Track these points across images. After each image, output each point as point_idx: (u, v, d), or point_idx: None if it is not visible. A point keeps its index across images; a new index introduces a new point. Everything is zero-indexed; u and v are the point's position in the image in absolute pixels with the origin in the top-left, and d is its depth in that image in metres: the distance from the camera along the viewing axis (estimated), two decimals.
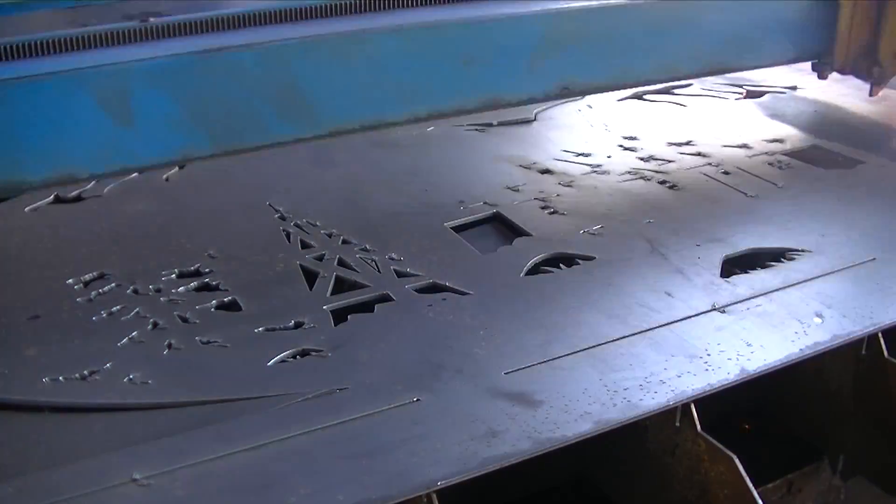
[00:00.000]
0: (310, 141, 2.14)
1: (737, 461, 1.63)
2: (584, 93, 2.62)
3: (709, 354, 1.77)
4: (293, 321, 1.85)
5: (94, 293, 1.93)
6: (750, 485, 1.62)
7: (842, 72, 2.81)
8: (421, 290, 1.99)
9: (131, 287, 1.95)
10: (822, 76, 2.85)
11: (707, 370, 1.72)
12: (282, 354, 1.75)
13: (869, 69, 2.77)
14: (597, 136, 2.88)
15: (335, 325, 1.85)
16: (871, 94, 2.89)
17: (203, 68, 1.93)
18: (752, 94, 3.27)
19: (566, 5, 2.30)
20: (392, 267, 2.07)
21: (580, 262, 2.12)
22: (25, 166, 1.81)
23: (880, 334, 1.93)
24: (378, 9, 2.18)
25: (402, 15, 2.18)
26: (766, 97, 3.25)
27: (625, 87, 2.83)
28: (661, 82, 2.98)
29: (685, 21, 2.47)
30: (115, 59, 1.82)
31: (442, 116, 2.28)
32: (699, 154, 2.73)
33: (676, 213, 2.35)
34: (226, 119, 1.98)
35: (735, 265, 2.14)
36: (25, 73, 1.76)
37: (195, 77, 1.93)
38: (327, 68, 2.06)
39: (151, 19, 1.90)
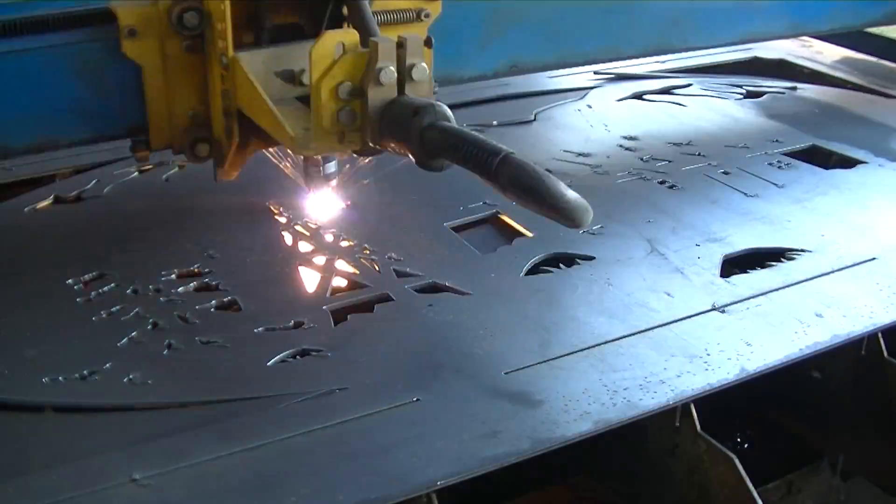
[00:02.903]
0: None
1: (737, 461, 1.63)
2: (532, 70, 2.74)
3: (709, 354, 1.77)
4: (293, 321, 1.85)
5: (93, 293, 1.92)
6: (750, 485, 1.62)
7: None
8: (421, 290, 1.99)
9: (131, 287, 1.95)
10: None
11: (707, 370, 1.72)
12: (282, 354, 1.75)
13: None
14: (597, 136, 2.88)
15: (335, 325, 1.85)
16: None
17: None
18: (752, 94, 3.26)
19: None
20: (392, 267, 2.06)
21: (580, 262, 2.12)
22: (7, 133, 1.91)
23: (880, 334, 1.93)
24: None
25: None
26: (766, 97, 3.25)
27: (572, 66, 2.97)
28: (608, 62, 3.13)
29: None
30: (91, 37, 1.90)
31: None
32: (699, 154, 2.73)
33: (676, 213, 2.35)
34: None
35: (735, 265, 2.14)
36: (9, 49, 1.84)
37: None
38: None
39: None
